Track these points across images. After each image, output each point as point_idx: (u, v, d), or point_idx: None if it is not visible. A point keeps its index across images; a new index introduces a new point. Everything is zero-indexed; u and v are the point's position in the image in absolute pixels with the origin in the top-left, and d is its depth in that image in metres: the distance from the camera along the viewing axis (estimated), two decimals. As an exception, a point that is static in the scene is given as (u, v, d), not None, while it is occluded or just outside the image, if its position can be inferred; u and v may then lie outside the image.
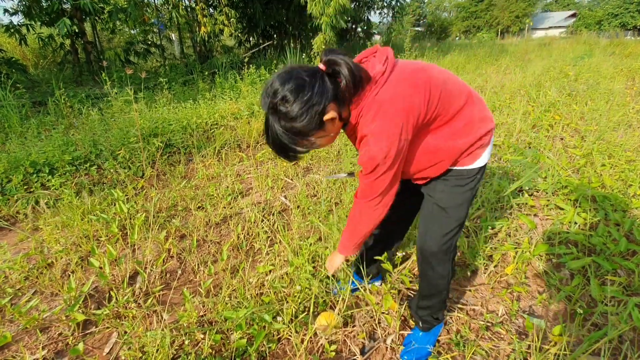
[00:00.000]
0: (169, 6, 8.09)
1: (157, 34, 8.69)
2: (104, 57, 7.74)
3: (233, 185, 2.68)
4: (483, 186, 2.19)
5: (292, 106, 0.82)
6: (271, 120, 0.87)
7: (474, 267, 1.57)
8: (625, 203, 1.99)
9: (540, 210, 2.02)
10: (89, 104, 4.91)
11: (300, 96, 0.82)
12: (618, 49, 11.10)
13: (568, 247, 1.66)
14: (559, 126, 3.35)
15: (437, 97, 0.90)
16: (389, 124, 0.85)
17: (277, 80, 0.85)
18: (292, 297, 1.39)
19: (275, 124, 0.87)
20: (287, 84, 0.82)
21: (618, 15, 32.68)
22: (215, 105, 4.45)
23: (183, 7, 7.63)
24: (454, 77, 1.01)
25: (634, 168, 2.47)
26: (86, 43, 7.44)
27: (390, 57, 0.91)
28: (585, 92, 4.58)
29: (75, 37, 7.23)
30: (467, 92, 1.00)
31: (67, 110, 4.44)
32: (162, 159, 3.20)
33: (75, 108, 4.69)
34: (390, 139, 0.85)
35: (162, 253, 1.92)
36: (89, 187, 2.66)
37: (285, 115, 0.84)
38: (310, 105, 0.82)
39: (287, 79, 0.83)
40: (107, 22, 7.74)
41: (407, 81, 0.88)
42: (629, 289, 1.51)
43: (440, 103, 0.92)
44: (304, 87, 0.82)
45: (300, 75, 0.84)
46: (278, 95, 0.83)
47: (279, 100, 0.83)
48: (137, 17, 7.37)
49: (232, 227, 2.13)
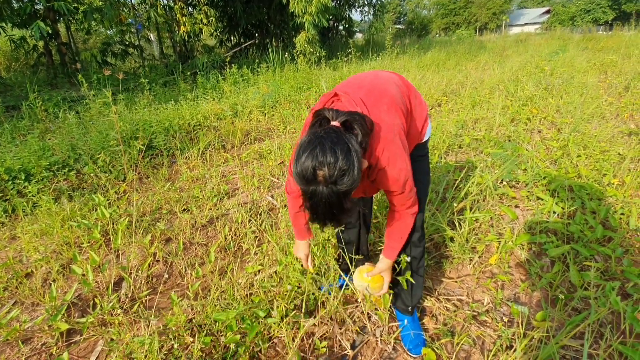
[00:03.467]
0: (147, 5, 7.91)
1: (135, 34, 8.48)
2: (79, 59, 7.50)
3: (219, 187, 2.65)
4: (466, 179, 2.24)
5: (353, 172, 0.81)
6: (325, 192, 0.82)
7: (459, 259, 1.61)
8: (601, 192, 2.08)
9: (522, 201, 2.08)
10: (65, 107, 4.75)
11: (352, 158, 0.81)
12: (591, 44, 11.51)
13: (548, 235, 1.71)
14: (537, 119, 3.45)
15: (405, 109, 1.10)
16: (394, 147, 0.98)
17: (320, 153, 0.80)
18: (281, 295, 1.39)
19: (331, 195, 0.82)
20: (336, 152, 0.80)
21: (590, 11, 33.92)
22: (198, 106, 4.38)
23: (161, 7, 7.46)
24: (392, 79, 1.14)
25: (607, 158, 2.57)
26: (60, 45, 7.19)
27: (354, 97, 0.99)
28: (560, 86, 4.73)
29: (49, 39, 6.97)
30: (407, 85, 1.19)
31: (42, 114, 4.28)
32: (144, 161, 3.13)
33: (51, 112, 4.54)
34: (402, 157, 0.99)
35: (147, 257, 1.88)
36: (68, 193, 2.58)
37: (346, 182, 0.81)
38: (359, 163, 0.83)
39: (330, 149, 0.80)
40: (82, 22, 7.51)
41: (384, 107, 1.02)
42: (606, 274, 1.58)
43: (407, 110, 1.12)
44: (350, 150, 0.81)
45: (336, 140, 0.81)
46: (336, 167, 0.79)
47: (337, 172, 0.80)
48: (113, 17, 7.18)
49: (219, 229, 2.11)
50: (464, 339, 1.20)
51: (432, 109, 4.60)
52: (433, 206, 1.86)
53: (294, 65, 6.73)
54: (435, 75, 6.65)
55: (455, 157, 2.81)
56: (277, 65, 6.54)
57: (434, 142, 2.96)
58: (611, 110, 4.07)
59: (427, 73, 6.86)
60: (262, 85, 5.38)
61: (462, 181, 2.23)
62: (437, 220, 1.73)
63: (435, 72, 7.10)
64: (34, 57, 7.61)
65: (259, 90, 5.03)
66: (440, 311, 1.34)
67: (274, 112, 4.45)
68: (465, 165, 2.52)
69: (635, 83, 5.29)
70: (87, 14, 7.05)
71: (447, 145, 2.98)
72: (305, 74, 5.96)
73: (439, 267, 1.58)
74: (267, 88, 5.07)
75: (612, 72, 6.63)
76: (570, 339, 1.22)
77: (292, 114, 4.29)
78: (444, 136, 3.14)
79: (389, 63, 7.24)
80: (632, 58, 7.88)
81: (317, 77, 5.82)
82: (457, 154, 2.93)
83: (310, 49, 7.00)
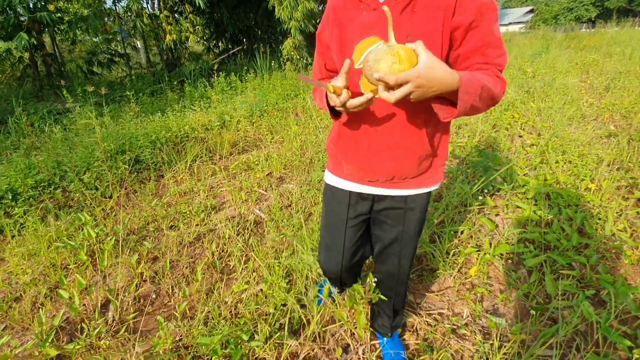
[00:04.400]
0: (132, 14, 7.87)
1: (121, 43, 8.42)
2: (64, 70, 7.42)
3: (206, 201, 2.66)
4: (447, 187, 2.29)
5: None
6: None
7: (440, 271, 1.65)
8: (578, 198, 2.14)
9: (502, 210, 2.14)
10: (51, 120, 4.72)
11: None
12: (573, 43, 11.74)
13: (526, 245, 1.77)
14: (518, 124, 3.54)
15: None
16: None
17: None
18: (265, 316, 1.42)
19: None
20: None
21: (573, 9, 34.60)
22: (185, 117, 4.38)
23: (147, 16, 7.43)
24: None
25: (585, 163, 2.65)
26: (46, 55, 7.12)
27: None
28: (542, 88, 4.84)
29: (34, 50, 6.90)
30: None
31: (28, 129, 4.25)
32: (131, 177, 3.12)
33: (37, 126, 4.50)
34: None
35: (134, 278, 1.89)
36: (55, 212, 2.57)
37: None
38: None
39: None
40: (67, 32, 7.44)
41: None
42: (583, 282, 1.64)
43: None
44: None
45: None
46: None
47: None
48: (98, 27, 7.13)
49: (207, 245, 2.13)
50: (442, 354, 1.24)
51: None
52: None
53: (281, 72, 6.76)
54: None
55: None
56: (265, 71, 6.56)
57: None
58: (591, 112, 4.18)
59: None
60: (249, 93, 5.40)
61: (443, 192, 2.28)
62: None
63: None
64: (20, 68, 7.53)
65: (246, 100, 5.05)
66: (421, 326, 1.38)
67: (261, 122, 4.47)
68: (448, 174, 2.58)
69: (615, 83, 5.43)
70: (72, 24, 7.00)
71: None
72: (292, 81, 6.00)
73: (421, 280, 1.63)
74: (255, 97, 5.09)
75: (594, 71, 6.78)
76: (545, 349, 1.27)
77: (279, 122, 4.32)
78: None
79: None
80: (613, 56, 8.06)
81: (304, 84, 5.86)
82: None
83: (298, 55, 7.04)
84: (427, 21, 0.76)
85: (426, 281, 1.61)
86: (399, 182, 0.96)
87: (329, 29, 0.92)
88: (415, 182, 0.96)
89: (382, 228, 1.08)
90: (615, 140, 3.28)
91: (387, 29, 0.71)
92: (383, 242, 1.09)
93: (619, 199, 2.25)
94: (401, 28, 0.76)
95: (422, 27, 0.76)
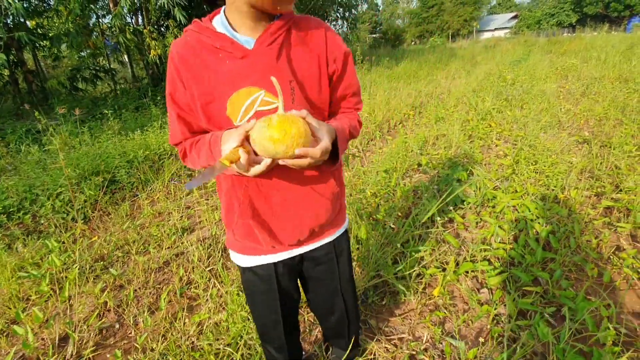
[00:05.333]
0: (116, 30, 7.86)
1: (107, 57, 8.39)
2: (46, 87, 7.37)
3: (179, 222, 2.62)
4: (415, 204, 2.29)
5: None
6: None
7: (403, 293, 1.63)
8: (545, 210, 2.15)
9: (470, 225, 2.14)
10: (29, 140, 4.66)
11: None
12: (554, 48, 12.01)
13: (490, 262, 1.77)
14: (493, 134, 3.57)
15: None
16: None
17: None
18: (223, 349, 1.39)
19: None
20: None
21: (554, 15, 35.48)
22: (165, 135, 4.35)
23: (130, 31, 7.42)
24: None
25: (556, 172, 2.67)
26: (27, 72, 7.07)
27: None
28: (520, 96, 4.91)
29: (14, 67, 6.85)
30: None
31: (3, 150, 4.19)
32: (106, 197, 3.08)
33: (13, 147, 4.45)
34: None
35: (97, 308, 1.85)
36: (23, 238, 2.52)
37: None
38: None
39: None
40: (50, 48, 7.41)
41: None
42: (546, 297, 1.63)
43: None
44: None
45: None
46: None
47: None
48: (81, 44, 7.11)
49: (175, 270, 2.09)
50: (398, 383, 1.22)
51: (400, 124, 4.70)
52: (382, 238, 1.90)
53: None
54: (406, 87, 6.81)
55: (410, 179, 2.87)
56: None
57: (395, 164, 3.02)
58: (567, 118, 4.24)
59: (399, 85, 7.02)
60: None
61: (412, 208, 2.28)
62: (385, 253, 1.77)
63: (407, 84, 7.27)
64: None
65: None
66: (380, 352, 1.36)
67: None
68: (420, 188, 2.58)
69: (591, 88, 5.54)
70: (54, 40, 6.97)
71: (408, 165, 3.05)
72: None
73: (383, 303, 1.61)
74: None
75: (573, 76, 6.92)
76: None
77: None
78: (406, 156, 3.22)
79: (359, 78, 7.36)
80: (591, 61, 8.24)
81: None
82: (413, 177, 2.97)
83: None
84: (307, 68, 0.77)
85: (389, 304, 1.59)
86: (322, 229, 0.93)
87: (183, 87, 0.77)
88: (335, 222, 0.96)
89: (320, 286, 1.05)
90: (587, 147, 3.33)
91: (263, 76, 0.72)
92: (325, 300, 1.07)
93: (587, 209, 2.26)
94: (283, 75, 0.74)
95: (302, 74, 0.77)
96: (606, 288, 1.69)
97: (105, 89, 8.68)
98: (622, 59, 7.85)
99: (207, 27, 0.74)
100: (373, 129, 4.32)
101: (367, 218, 2.11)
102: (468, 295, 1.57)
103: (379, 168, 2.95)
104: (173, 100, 0.80)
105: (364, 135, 4.10)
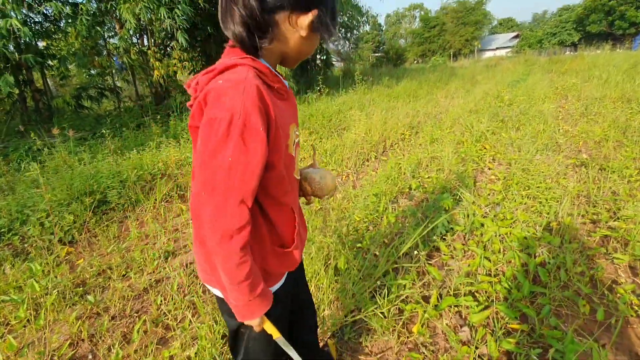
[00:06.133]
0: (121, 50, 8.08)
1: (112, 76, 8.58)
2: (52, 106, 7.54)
3: (165, 246, 2.59)
4: (400, 234, 2.23)
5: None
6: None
7: (382, 330, 1.57)
8: (535, 239, 2.08)
9: (456, 255, 2.08)
10: (29, 158, 4.72)
11: None
12: (556, 67, 12.04)
13: (474, 296, 1.70)
14: (487, 157, 3.53)
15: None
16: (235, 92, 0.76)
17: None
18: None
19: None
20: None
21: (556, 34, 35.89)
22: (160, 154, 4.38)
23: (135, 52, 7.62)
24: None
25: (550, 197, 2.60)
26: (34, 91, 7.25)
27: None
28: (516, 117, 4.88)
29: (23, 86, 7.04)
30: None
31: (3, 168, 4.24)
32: (95, 218, 3.07)
33: (13, 165, 4.51)
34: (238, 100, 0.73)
35: (70, 337, 1.80)
36: (10, 260, 2.50)
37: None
38: None
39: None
40: (58, 68, 7.61)
41: None
42: (533, 337, 1.55)
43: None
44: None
45: None
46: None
47: None
48: (86, 64, 7.32)
49: (153, 298, 2.04)
50: None
51: (395, 145, 4.68)
52: (362, 269, 1.84)
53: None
54: (404, 106, 6.83)
55: (399, 204, 2.82)
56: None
57: (384, 188, 2.98)
58: (565, 140, 4.19)
59: (397, 104, 7.05)
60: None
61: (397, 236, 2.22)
62: (363, 287, 1.71)
63: (406, 103, 7.31)
64: (9, 103, 7.65)
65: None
66: (352, 396, 1.29)
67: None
68: (407, 214, 2.53)
69: (591, 109, 5.49)
70: (62, 60, 7.18)
71: (398, 189, 3.01)
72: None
73: (360, 341, 1.54)
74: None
75: (573, 96, 6.89)
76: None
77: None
78: (397, 178, 3.18)
79: (359, 97, 7.42)
80: (592, 80, 8.22)
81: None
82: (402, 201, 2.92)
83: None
84: None
85: (366, 342, 1.52)
86: None
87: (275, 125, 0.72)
88: None
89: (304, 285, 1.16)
90: (585, 170, 3.26)
91: (295, 113, 0.88)
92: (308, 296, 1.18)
93: (581, 237, 2.19)
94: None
95: None
96: (600, 326, 1.61)
97: (109, 106, 8.85)
98: (625, 77, 7.80)
99: (267, 67, 0.75)
100: (368, 150, 4.31)
101: (350, 246, 2.06)
102: (448, 334, 1.50)
103: (369, 192, 2.91)
104: (263, 162, 0.69)
105: (358, 156, 4.08)
